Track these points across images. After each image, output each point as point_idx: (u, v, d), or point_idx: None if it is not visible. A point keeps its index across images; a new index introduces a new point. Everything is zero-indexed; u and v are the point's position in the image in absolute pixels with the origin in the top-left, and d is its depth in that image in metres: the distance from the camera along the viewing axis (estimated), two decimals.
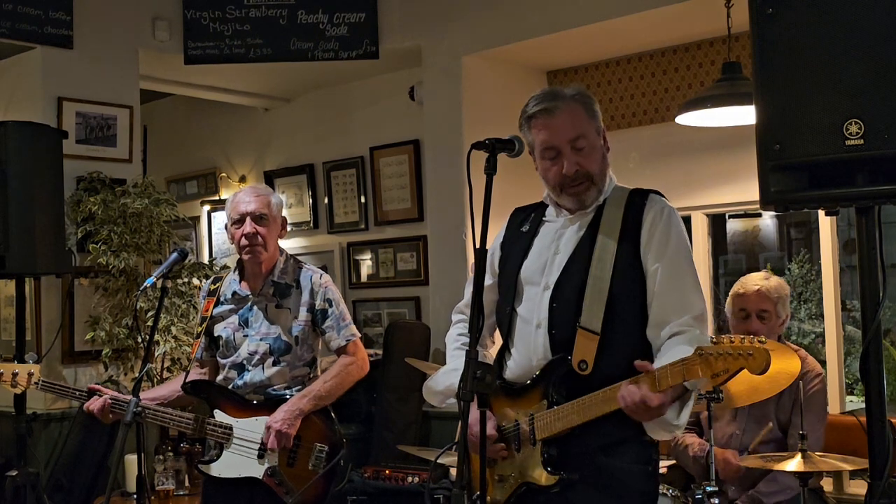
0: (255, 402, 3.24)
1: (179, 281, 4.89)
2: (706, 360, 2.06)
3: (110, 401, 3.26)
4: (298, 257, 3.45)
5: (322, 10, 5.36)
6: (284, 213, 3.42)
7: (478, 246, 2.16)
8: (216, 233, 6.82)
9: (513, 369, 2.46)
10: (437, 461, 3.72)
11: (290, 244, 6.37)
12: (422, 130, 5.50)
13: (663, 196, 2.45)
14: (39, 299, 4.83)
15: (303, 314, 3.28)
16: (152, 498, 3.73)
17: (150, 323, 3.42)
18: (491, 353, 2.62)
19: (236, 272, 3.38)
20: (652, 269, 2.33)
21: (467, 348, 2.63)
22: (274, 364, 3.24)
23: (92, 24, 5.07)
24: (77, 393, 3.38)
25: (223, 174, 6.87)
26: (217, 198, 6.82)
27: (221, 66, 5.43)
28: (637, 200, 2.41)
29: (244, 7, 5.35)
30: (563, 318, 2.35)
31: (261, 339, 3.25)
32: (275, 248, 3.31)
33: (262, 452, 3.17)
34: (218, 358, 3.35)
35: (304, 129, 6.43)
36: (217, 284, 3.39)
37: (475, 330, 2.11)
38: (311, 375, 3.33)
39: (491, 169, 2.18)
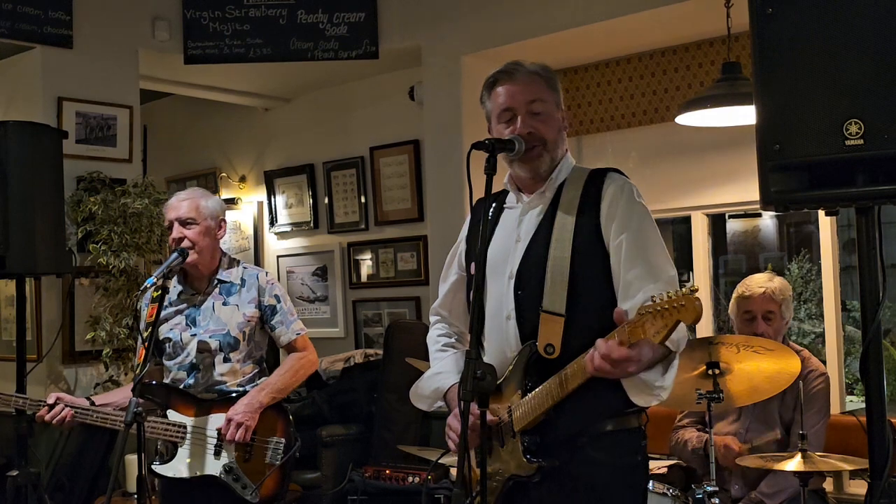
0: (207, 399, 3.25)
1: None
2: (647, 318, 1.98)
3: (70, 409, 3.26)
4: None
5: (322, 10, 5.36)
6: (229, 215, 3.38)
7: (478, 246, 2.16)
8: None
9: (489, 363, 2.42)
10: (438, 461, 3.72)
11: (290, 244, 6.33)
12: (422, 130, 5.50)
13: (624, 174, 2.39)
14: (40, 299, 4.83)
15: (250, 310, 3.30)
16: (153, 498, 3.72)
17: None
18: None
19: (180, 277, 3.37)
20: (616, 243, 2.26)
21: (450, 349, 2.62)
22: (224, 361, 3.27)
23: (92, 24, 5.08)
24: (28, 402, 3.39)
25: (223, 174, 6.87)
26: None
27: (221, 66, 5.44)
28: (596, 179, 2.36)
29: (244, 7, 5.35)
30: (529, 304, 2.30)
31: (210, 336, 3.27)
32: (211, 249, 3.30)
33: (219, 450, 3.18)
34: (164, 361, 3.34)
35: (304, 129, 6.43)
36: (159, 292, 3.32)
37: (475, 330, 2.09)
38: (261, 372, 3.35)
39: (491, 169, 2.18)
